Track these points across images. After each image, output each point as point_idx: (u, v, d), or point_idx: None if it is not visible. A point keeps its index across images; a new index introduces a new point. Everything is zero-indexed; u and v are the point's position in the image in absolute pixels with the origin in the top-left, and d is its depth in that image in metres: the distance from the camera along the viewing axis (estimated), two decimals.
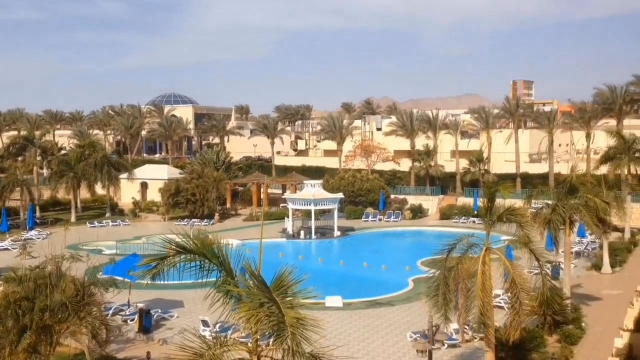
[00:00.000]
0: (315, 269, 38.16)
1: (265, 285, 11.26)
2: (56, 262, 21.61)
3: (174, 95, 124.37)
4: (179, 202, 58.58)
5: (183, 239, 11.44)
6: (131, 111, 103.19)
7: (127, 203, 64.81)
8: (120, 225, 56.41)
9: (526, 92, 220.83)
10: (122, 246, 43.81)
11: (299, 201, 52.04)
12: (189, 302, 30.44)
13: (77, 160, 58.65)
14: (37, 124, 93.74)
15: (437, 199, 64.16)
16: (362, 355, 23.45)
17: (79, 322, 18.86)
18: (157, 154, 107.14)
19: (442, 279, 18.02)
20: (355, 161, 70.21)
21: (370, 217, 59.13)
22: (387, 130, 76.54)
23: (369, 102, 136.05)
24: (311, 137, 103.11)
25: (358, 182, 61.71)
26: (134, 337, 26.02)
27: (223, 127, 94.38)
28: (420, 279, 33.47)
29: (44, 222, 55.49)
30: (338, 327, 27.01)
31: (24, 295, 18.71)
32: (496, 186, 19.75)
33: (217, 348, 10.95)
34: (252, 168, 79.11)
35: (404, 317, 28.99)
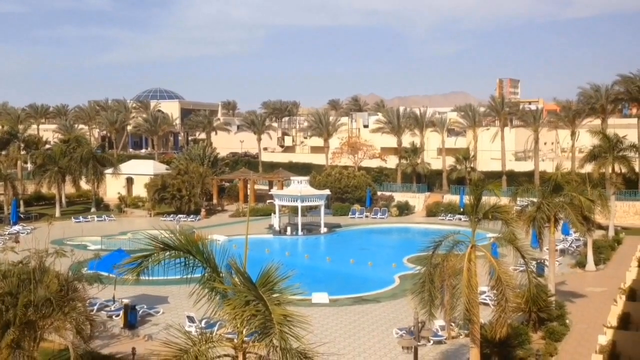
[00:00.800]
0: (302, 265, 38.20)
1: (251, 282, 11.21)
2: (40, 257, 21.35)
3: (160, 90, 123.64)
4: (165, 197, 58.29)
5: (168, 236, 11.37)
6: (117, 106, 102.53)
7: (112, 198, 64.39)
8: (105, 221, 56.02)
9: (512, 90, 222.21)
10: (107, 242, 43.52)
11: (286, 197, 51.99)
12: (175, 298, 30.30)
13: (61, 154, 58.15)
14: (21, 118, 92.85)
15: (423, 196, 64.39)
16: (349, 352, 23.49)
17: (63, 317, 18.69)
18: (143, 149, 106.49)
19: (427, 276, 18.08)
20: (342, 158, 70.29)
21: (357, 213, 59.21)
22: (374, 127, 76.70)
23: (356, 99, 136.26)
24: (298, 133, 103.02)
25: (345, 179, 61.77)
26: (119, 332, 25.86)
27: (209, 123, 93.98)
28: (407, 276, 33.55)
29: (28, 217, 54.95)
30: (324, 324, 27.02)
31: (7, 290, 18.50)
32: (484, 184, 19.85)
33: (203, 344, 10.90)
34: (238, 164, 78.93)
35: (390, 313, 29.07)
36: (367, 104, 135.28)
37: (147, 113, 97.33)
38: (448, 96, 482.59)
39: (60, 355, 21.51)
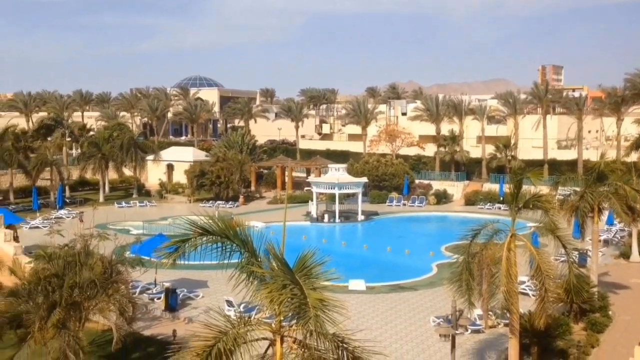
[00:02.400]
0: (339, 252, 38.29)
1: (288, 266, 11.31)
2: (85, 241, 21.98)
3: (199, 78, 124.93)
4: (204, 184, 59.11)
5: (207, 221, 11.53)
6: (157, 94, 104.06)
7: (153, 184, 65.61)
8: (147, 206, 57.16)
9: (555, 77, 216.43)
10: (148, 226, 44.39)
11: (323, 185, 52.09)
12: (214, 283, 30.80)
13: (104, 141, 59.44)
14: (66, 105, 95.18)
15: (462, 184, 63.66)
16: (385, 339, 23.51)
17: (106, 299, 19.24)
18: (182, 136, 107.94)
19: (466, 265, 17.92)
20: (380, 146, 69.93)
21: (395, 201, 58.96)
22: (412, 115, 75.97)
23: (394, 87, 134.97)
24: (336, 121, 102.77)
25: (382, 167, 61.49)
26: (160, 315, 26.44)
27: (248, 110, 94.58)
28: (444, 265, 33.34)
29: (74, 202, 56.45)
30: (361, 311, 27.10)
31: (53, 272, 19.14)
32: (525, 172, 19.49)
33: (242, 327, 11.05)
34: (276, 151, 79.30)
35: (427, 301, 28.96)
36: (406, 92, 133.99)
37: (187, 101, 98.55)
38: (488, 83, 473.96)
39: (104, 335, 22.15)
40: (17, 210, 48.84)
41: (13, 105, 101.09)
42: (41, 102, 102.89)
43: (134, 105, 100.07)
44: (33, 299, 18.48)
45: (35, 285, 18.74)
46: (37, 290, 18.60)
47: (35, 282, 18.80)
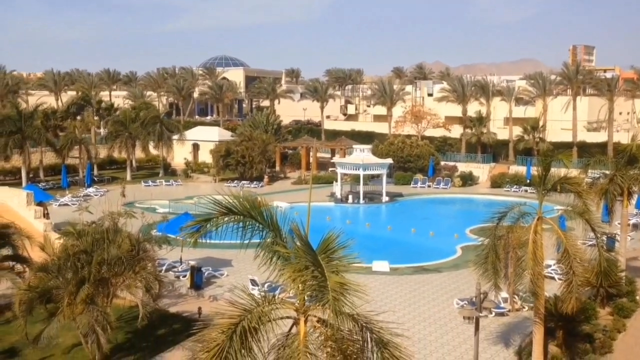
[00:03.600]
0: (363, 233, 38.34)
1: (311, 248, 11.31)
2: (113, 219, 22.31)
3: (225, 58, 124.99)
4: (229, 164, 59.45)
5: (232, 200, 11.57)
6: (183, 73, 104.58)
7: (179, 163, 66.21)
8: (173, 185, 57.76)
9: (586, 58, 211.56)
10: (174, 205, 44.91)
11: (348, 165, 51.99)
12: (239, 262, 31.09)
13: (131, 120, 60.02)
14: (95, 84, 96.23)
15: (488, 166, 62.99)
16: (408, 320, 23.54)
17: (133, 276, 19.55)
18: (208, 116, 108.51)
19: (492, 247, 17.77)
20: (405, 127, 69.42)
21: (419, 183, 58.64)
22: (438, 96, 75.15)
23: (421, 67, 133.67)
24: (361, 101, 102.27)
25: (407, 148, 61.10)
26: (186, 292, 26.81)
27: (273, 90, 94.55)
28: (469, 247, 33.15)
29: (102, 180, 57.30)
30: (384, 292, 27.15)
31: (82, 248, 19.49)
32: (554, 155, 19.17)
33: (266, 306, 11.12)
34: (301, 132, 79.30)
35: (451, 284, 28.87)
36: (432, 72, 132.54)
37: (213, 80, 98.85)
38: (517, 64, 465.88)
39: (131, 312, 22.55)
40: (47, 188, 49.77)
41: (43, 84, 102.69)
42: (70, 81, 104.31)
43: (160, 85, 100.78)
44: (62, 275, 18.86)
45: (64, 261, 19.10)
46: (67, 266, 18.97)
47: (65, 258, 19.16)
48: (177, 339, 21.45)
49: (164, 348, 20.89)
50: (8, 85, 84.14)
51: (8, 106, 56.89)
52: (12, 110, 53.09)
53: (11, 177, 54.36)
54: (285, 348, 10.69)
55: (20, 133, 51.08)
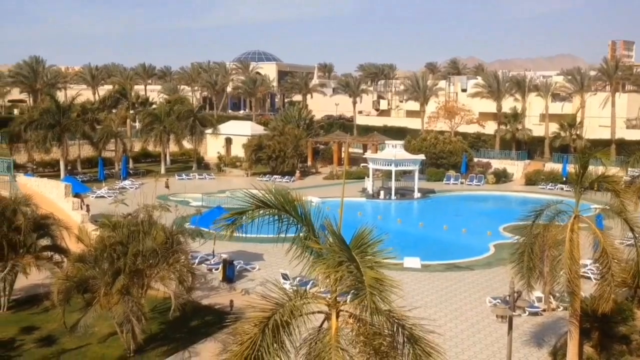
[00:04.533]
0: (394, 229, 38.14)
1: (345, 243, 11.30)
2: (147, 211, 22.66)
3: (258, 52, 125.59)
4: (262, 158, 59.81)
5: (267, 194, 11.63)
6: (217, 68, 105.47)
7: (212, 157, 66.88)
8: (205, 179, 58.38)
9: (626, 53, 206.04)
10: (207, 199, 45.37)
11: (380, 161, 51.79)
12: (270, 256, 31.28)
13: (165, 114, 60.82)
14: (130, 78, 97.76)
15: (522, 163, 62.01)
16: (440, 317, 23.38)
17: (167, 268, 19.86)
18: (241, 110, 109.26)
19: (527, 246, 17.50)
20: (438, 122, 68.78)
21: (452, 180, 58.10)
22: (472, 91, 74.21)
23: (455, 62, 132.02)
24: (394, 97, 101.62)
25: (440, 144, 60.54)
26: (218, 285, 27.10)
27: (305, 85, 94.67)
28: (503, 245, 32.76)
29: (137, 173, 58.25)
30: (416, 288, 27.01)
31: (118, 240, 19.86)
32: (592, 152, 18.77)
33: (298, 300, 11.17)
34: (333, 127, 79.24)
35: (484, 282, 28.57)
36: (467, 68, 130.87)
37: (246, 75, 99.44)
38: (554, 59, 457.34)
39: (164, 303, 22.90)
40: (84, 180, 50.78)
41: (81, 77, 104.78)
42: (107, 74, 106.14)
43: (194, 80, 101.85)
44: (99, 265, 19.28)
45: (101, 252, 19.52)
46: (103, 257, 19.38)
47: (102, 249, 19.56)
48: (209, 331, 21.72)
49: (196, 339, 21.16)
50: (47, 79, 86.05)
51: (47, 100, 58.13)
52: (51, 104, 54.28)
53: (50, 169, 55.63)
54: (317, 343, 10.73)
55: (58, 126, 52.21)
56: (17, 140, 52.79)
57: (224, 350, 11.54)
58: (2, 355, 19.81)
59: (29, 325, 22.03)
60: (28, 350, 20.10)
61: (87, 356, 19.75)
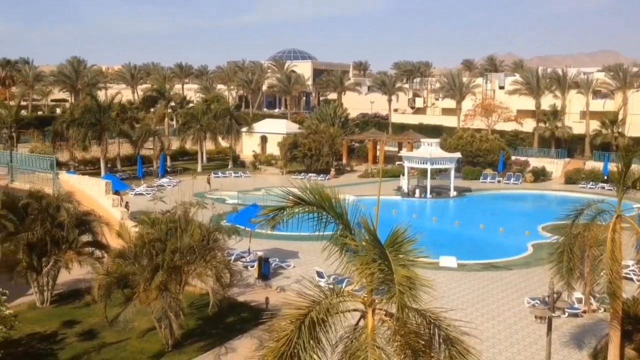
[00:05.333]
0: (430, 228, 37.89)
1: (378, 241, 11.27)
2: (185, 208, 22.99)
3: (293, 51, 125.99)
4: (297, 156, 60.04)
5: (305, 191, 11.68)
6: (253, 67, 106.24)
7: (248, 156, 67.41)
8: (241, 177, 58.89)
9: None
10: (243, 196, 45.75)
11: (415, 159, 51.43)
12: (305, 254, 31.40)
13: (202, 113, 61.56)
14: (168, 77, 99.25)
15: (562, 162, 60.79)
16: (476, 318, 23.12)
17: (204, 264, 20.11)
18: (276, 108, 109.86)
19: (567, 246, 17.16)
20: (475, 120, 67.95)
21: (489, 178, 57.34)
22: (510, 88, 73.06)
23: (492, 59, 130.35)
24: (429, 94, 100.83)
25: (477, 142, 59.78)
26: (254, 282, 27.30)
27: (341, 83, 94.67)
28: (541, 245, 32.20)
29: (174, 171, 59.13)
30: (451, 288, 26.76)
31: (157, 237, 20.21)
32: (635, 150, 18.30)
33: (334, 298, 11.18)
34: (368, 125, 79.03)
35: (522, 282, 28.12)
36: (505, 64, 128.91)
37: (281, 73, 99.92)
38: (595, 55, 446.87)
39: (201, 299, 23.21)
40: (123, 178, 51.79)
41: (121, 77, 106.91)
42: (145, 74, 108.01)
43: (230, 78, 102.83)
44: (138, 262, 19.64)
45: (140, 249, 19.88)
46: (142, 254, 19.74)
47: (141, 246, 19.93)
48: (245, 327, 21.92)
49: (232, 336, 21.38)
50: (88, 79, 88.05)
51: (88, 99, 59.47)
52: (91, 103, 55.50)
53: (91, 167, 56.88)
54: (353, 341, 10.73)
55: (99, 125, 53.34)
56: (60, 139, 54.12)
57: (261, 346, 11.63)
58: (46, 348, 20.37)
59: (71, 319, 22.59)
60: (70, 344, 20.61)
61: (126, 350, 20.15)
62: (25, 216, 23.60)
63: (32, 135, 53.15)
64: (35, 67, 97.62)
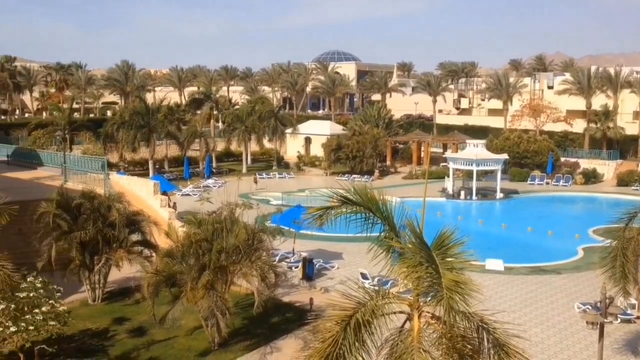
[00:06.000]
0: (475, 230, 37.31)
1: (425, 244, 11.17)
2: (230, 209, 23.28)
3: (337, 52, 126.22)
4: (340, 157, 60.08)
5: (351, 192, 11.68)
6: (297, 69, 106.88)
7: (292, 157, 67.83)
8: (285, 178, 59.29)
9: None
10: (287, 197, 46.04)
11: (461, 161, 50.76)
12: (349, 255, 31.37)
13: (247, 114, 62.27)
14: (214, 80, 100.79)
15: (614, 163, 58.98)
16: (525, 322, 22.62)
17: (250, 264, 20.30)
18: (320, 110, 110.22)
19: (620, 250, 16.66)
20: (522, 121, 66.60)
21: (537, 180, 56.10)
22: (559, 88, 71.29)
23: (541, 58, 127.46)
24: (475, 95, 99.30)
25: (524, 143, 58.59)
26: (298, 283, 27.42)
27: (385, 84, 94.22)
28: (593, 248, 31.34)
29: (220, 172, 60.00)
30: (498, 291, 26.30)
31: (203, 237, 20.53)
32: None
33: (379, 299, 11.15)
34: (412, 126, 78.43)
35: (572, 286, 27.41)
36: (555, 64, 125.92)
37: (325, 75, 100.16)
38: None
39: (246, 299, 23.45)
40: (170, 179, 52.84)
41: (168, 80, 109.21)
42: (192, 76, 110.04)
43: (274, 80, 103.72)
44: (186, 261, 19.99)
45: (187, 248, 20.22)
46: (189, 253, 20.07)
47: (188, 246, 20.27)
48: (289, 328, 22.04)
49: (277, 336, 21.53)
50: (137, 82, 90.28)
51: (137, 101, 60.96)
52: (140, 106, 56.83)
53: (140, 167, 58.25)
54: (399, 344, 10.67)
55: (147, 126, 54.58)
56: (110, 141, 55.61)
57: (306, 347, 11.69)
58: (97, 344, 20.93)
59: (121, 316, 23.16)
60: (120, 340, 21.13)
61: (174, 348, 20.53)
62: (78, 216, 24.28)
63: (84, 137, 54.73)
64: (87, 71, 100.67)
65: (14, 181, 35.52)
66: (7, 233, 22.34)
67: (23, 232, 26.05)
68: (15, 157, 43.94)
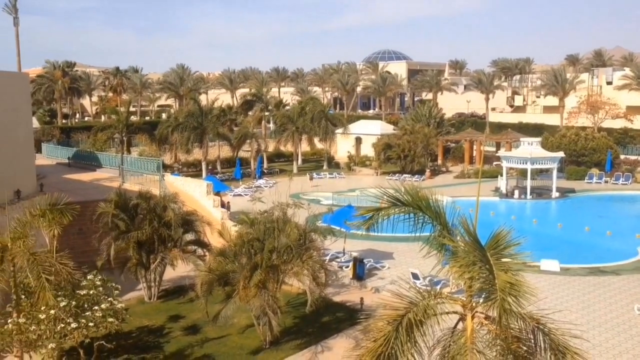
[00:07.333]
0: (529, 230, 36.43)
1: (479, 243, 11.02)
2: (282, 209, 23.51)
3: (388, 51, 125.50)
4: (391, 157, 59.74)
5: (401, 192, 11.63)
6: (347, 69, 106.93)
7: (342, 157, 67.89)
8: (336, 178, 59.38)
9: None
10: (337, 197, 46.09)
11: (515, 159, 49.65)
12: (400, 255, 31.19)
13: (297, 115, 62.69)
14: (265, 82, 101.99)
15: None
16: (582, 324, 21.94)
17: (301, 264, 20.45)
18: (371, 109, 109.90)
19: None
20: (580, 118, 64.67)
21: (595, 178, 54.34)
22: (619, 83, 69.04)
23: (599, 53, 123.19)
24: (530, 92, 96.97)
25: (582, 141, 56.84)
26: (349, 283, 27.45)
27: (436, 83, 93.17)
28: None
29: (271, 172, 60.63)
30: (554, 292, 25.63)
31: (255, 236, 20.82)
32: None
33: (432, 299, 11.07)
34: (464, 124, 77.28)
35: (632, 288, 26.46)
36: (614, 59, 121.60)
37: (376, 74, 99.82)
38: None
39: (298, 298, 23.65)
40: (223, 179, 53.73)
41: (221, 82, 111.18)
42: (244, 78, 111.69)
43: (325, 81, 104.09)
44: (238, 260, 20.31)
45: (240, 248, 20.55)
46: (242, 252, 20.40)
47: (240, 245, 20.60)
48: (340, 327, 22.09)
49: (328, 335, 21.61)
50: (191, 85, 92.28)
51: (191, 104, 62.28)
52: (194, 108, 58.02)
53: (193, 168, 59.49)
54: (452, 344, 10.57)
55: (200, 128, 55.68)
56: (165, 142, 57.01)
57: (357, 346, 11.71)
58: (153, 341, 21.53)
59: (176, 314, 23.74)
60: (175, 338, 21.66)
61: (227, 345, 20.90)
62: (135, 215, 25.03)
63: (141, 140, 56.30)
64: (143, 75, 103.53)
65: (75, 182, 36.89)
66: (68, 233, 23.18)
67: (83, 231, 27.07)
68: (76, 159, 45.68)
